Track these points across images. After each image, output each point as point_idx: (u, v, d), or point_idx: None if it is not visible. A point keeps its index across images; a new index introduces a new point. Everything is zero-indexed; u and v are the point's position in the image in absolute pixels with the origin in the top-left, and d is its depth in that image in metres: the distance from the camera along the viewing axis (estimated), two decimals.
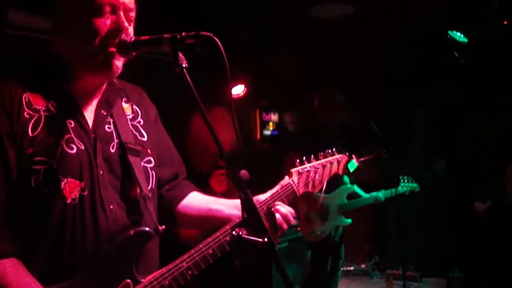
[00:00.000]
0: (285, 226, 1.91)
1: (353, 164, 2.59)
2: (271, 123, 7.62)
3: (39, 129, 1.66)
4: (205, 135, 1.67)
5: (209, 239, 1.81)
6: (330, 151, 2.33)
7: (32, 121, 1.66)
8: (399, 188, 5.12)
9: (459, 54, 5.91)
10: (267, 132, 7.54)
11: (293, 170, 2.15)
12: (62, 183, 1.64)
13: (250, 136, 7.17)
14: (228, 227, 1.84)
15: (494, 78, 6.22)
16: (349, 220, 4.97)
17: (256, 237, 1.50)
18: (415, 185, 5.19)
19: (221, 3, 4.85)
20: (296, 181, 2.12)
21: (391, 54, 6.14)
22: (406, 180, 5.17)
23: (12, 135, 1.63)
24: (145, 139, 1.92)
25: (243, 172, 1.47)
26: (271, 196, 2.00)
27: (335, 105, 5.11)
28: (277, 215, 1.90)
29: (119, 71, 1.77)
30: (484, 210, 5.73)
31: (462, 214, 6.14)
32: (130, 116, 1.92)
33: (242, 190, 1.47)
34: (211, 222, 1.99)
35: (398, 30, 5.76)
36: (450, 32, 5.92)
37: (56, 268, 1.64)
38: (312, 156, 2.25)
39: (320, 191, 2.28)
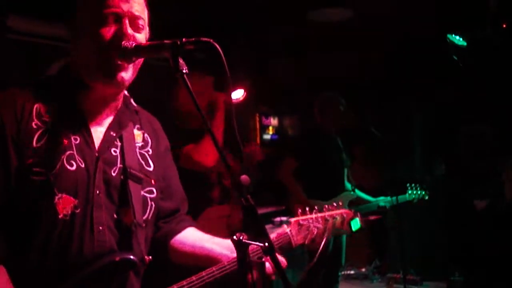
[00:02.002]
0: (273, 277, 1.78)
1: (357, 223, 2.42)
2: (271, 127, 7.64)
3: (43, 141, 1.66)
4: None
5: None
6: (335, 204, 2.22)
7: (39, 132, 1.66)
8: (406, 195, 5.13)
9: (458, 58, 5.92)
10: (267, 136, 7.56)
11: (292, 220, 2.08)
12: (56, 197, 1.64)
13: (250, 140, 7.18)
14: (226, 263, 1.83)
15: (493, 80, 6.24)
16: None
17: (257, 242, 1.50)
18: (423, 192, 5.18)
19: (221, 8, 4.86)
20: (294, 232, 2.05)
21: (390, 57, 6.16)
22: (414, 188, 5.16)
23: (17, 141, 1.64)
24: (151, 169, 1.91)
25: (244, 177, 1.46)
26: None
27: (336, 111, 5.07)
28: (267, 265, 1.77)
29: (126, 82, 1.75)
30: (482, 208, 5.74)
31: (462, 217, 6.14)
32: (140, 144, 1.90)
33: (243, 196, 1.47)
34: (201, 260, 1.94)
35: (396, 34, 5.78)
36: (449, 36, 5.94)
37: (40, 281, 1.64)
38: (316, 207, 2.15)
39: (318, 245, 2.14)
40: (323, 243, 2.12)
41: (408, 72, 6.45)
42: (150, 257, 1.83)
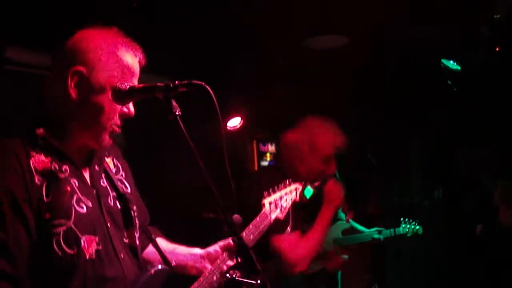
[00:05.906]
0: None
1: (309, 191, 3.00)
2: (268, 154, 7.63)
3: (51, 194, 1.72)
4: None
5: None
6: (287, 181, 2.63)
7: (44, 186, 1.72)
8: (400, 229, 5.12)
9: (453, 82, 5.97)
10: (264, 163, 7.55)
11: (265, 200, 2.38)
12: (82, 240, 1.72)
13: (247, 167, 7.18)
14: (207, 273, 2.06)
15: (488, 104, 6.28)
16: (345, 256, 4.93)
17: (250, 279, 1.53)
18: (418, 227, 5.17)
19: (219, 36, 4.91)
20: (268, 212, 2.37)
21: (387, 84, 6.20)
22: (407, 222, 5.15)
23: (29, 200, 1.68)
24: (129, 190, 2.05)
25: (236, 216, 1.50)
26: (251, 228, 2.15)
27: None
28: None
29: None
30: (479, 233, 5.73)
31: (461, 242, 6.14)
32: (114, 170, 2.03)
33: (236, 234, 1.50)
34: (174, 270, 2.10)
35: (392, 59, 5.83)
36: (443, 61, 5.99)
37: None
38: (276, 186, 2.52)
39: (288, 217, 2.56)
40: (290, 212, 2.57)
41: (404, 97, 6.49)
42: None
